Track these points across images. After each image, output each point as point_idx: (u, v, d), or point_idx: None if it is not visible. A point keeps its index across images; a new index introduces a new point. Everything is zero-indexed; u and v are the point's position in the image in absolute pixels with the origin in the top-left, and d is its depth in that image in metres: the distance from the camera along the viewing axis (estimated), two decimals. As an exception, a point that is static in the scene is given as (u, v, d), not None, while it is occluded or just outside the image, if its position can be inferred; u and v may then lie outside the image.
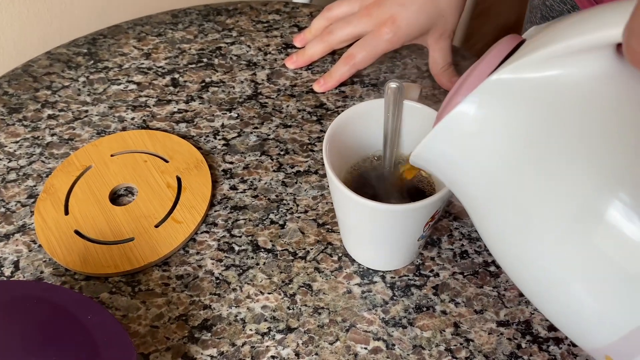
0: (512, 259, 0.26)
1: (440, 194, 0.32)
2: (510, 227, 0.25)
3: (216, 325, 0.38)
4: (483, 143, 0.26)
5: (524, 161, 0.24)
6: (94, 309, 0.33)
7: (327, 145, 0.35)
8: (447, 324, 0.38)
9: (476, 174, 0.26)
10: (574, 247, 0.23)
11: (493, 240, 0.27)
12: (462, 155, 0.26)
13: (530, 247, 0.25)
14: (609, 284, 0.23)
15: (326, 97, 0.52)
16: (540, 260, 0.25)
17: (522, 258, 0.25)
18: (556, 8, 0.53)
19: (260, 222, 0.44)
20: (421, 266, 0.41)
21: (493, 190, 0.26)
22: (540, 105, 0.24)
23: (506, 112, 0.24)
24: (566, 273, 0.24)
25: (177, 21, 0.60)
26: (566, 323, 0.27)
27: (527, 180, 0.24)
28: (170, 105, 0.52)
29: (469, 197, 0.28)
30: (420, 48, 0.56)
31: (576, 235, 0.23)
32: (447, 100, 0.29)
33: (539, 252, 0.24)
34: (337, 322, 0.38)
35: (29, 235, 0.43)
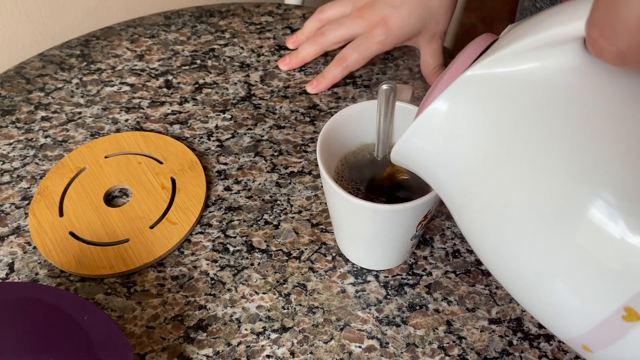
0: (490, 253, 0.27)
1: (432, 193, 0.33)
2: (487, 222, 0.26)
3: (211, 325, 0.39)
4: (458, 139, 0.26)
5: (498, 157, 0.25)
6: (90, 310, 0.33)
7: (321, 147, 0.36)
8: (440, 322, 0.39)
9: (452, 170, 0.27)
10: (550, 241, 0.24)
11: (472, 235, 0.28)
12: (439, 152, 0.27)
13: (507, 242, 0.25)
14: (583, 277, 0.24)
15: (319, 99, 0.53)
16: (516, 254, 0.25)
17: (500, 252, 0.26)
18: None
19: (254, 223, 0.44)
20: (414, 265, 0.41)
21: (469, 186, 0.26)
22: (512, 100, 0.24)
23: (480, 107, 0.25)
24: (542, 266, 0.24)
25: (170, 23, 0.60)
26: (543, 314, 0.27)
27: (502, 175, 0.25)
28: (164, 107, 0.52)
29: (448, 194, 0.28)
30: (412, 49, 0.57)
31: (552, 230, 0.24)
32: (425, 99, 0.29)
33: (516, 247, 0.25)
34: (331, 321, 0.39)
35: (24, 237, 0.43)
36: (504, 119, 0.25)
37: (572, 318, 0.25)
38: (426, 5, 0.50)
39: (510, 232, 0.25)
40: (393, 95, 0.36)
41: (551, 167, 0.23)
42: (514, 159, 0.24)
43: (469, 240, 0.28)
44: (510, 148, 0.24)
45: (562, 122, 0.23)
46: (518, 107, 0.24)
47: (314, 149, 0.48)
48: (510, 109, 0.24)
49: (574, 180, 0.23)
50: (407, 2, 0.50)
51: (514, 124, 0.24)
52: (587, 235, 0.23)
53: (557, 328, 0.27)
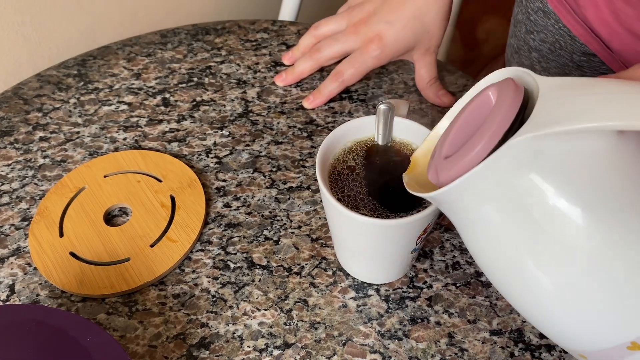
0: (510, 287, 0.29)
1: (432, 207, 0.33)
2: (513, 270, 0.28)
3: (214, 343, 0.39)
4: (493, 203, 0.27)
5: (535, 223, 0.27)
6: (92, 331, 0.33)
7: (320, 162, 0.36)
8: (441, 334, 0.39)
9: (482, 228, 0.28)
10: (574, 286, 0.27)
11: (487, 260, 0.29)
12: (472, 209, 0.28)
13: (530, 287, 0.28)
14: (603, 313, 0.26)
15: (316, 114, 0.53)
16: (538, 285, 0.28)
17: (521, 283, 0.28)
18: (540, 22, 0.54)
19: (254, 239, 0.44)
20: (414, 278, 0.42)
21: (498, 241, 0.28)
22: (553, 173, 0.26)
23: (518, 175, 0.26)
24: (566, 297, 0.27)
25: (166, 41, 0.61)
26: (549, 330, 0.29)
27: (531, 236, 0.27)
28: (162, 125, 0.52)
29: (472, 241, 0.30)
30: (407, 63, 0.57)
31: (583, 273, 0.26)
32: (444, 144, 0.30)
33: (542, 281, 0.27)
34: (333, 336, 0.39)
35: (24, 258, 0.43)
36: (543, 188, 0.26)
37: (580, 340, 0.28)
38: (420, 20, 0.51)
39: (533, 283, 0.27)
40: (391, 114, 0.37)
41: (588, 226, 0.26)
42: (551, 224, 0.26)
43: (479, 260, 0.30)
44: (550, 215, 0.26)
45: (605, 193, 0.26)
46: (558, 179, 0.26)
47: (312, 164, 0.49)
48: (550, 180, 0.26)
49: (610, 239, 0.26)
50: (402, 18, 0.51)
51: (555, 193, 0.26)
52: (618, 280, 0.26)
53: (560, 341, 0.28)
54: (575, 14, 0.50)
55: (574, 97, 0.26)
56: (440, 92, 0.53)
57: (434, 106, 0.53)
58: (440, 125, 0.34)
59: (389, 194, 0.37)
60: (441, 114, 0.52)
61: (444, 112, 0.53)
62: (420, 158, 0.34)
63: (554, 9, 0.52)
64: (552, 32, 0.53)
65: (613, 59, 0.49)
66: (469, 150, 0.27)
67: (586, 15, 0.48)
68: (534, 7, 0.55)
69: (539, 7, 0.54)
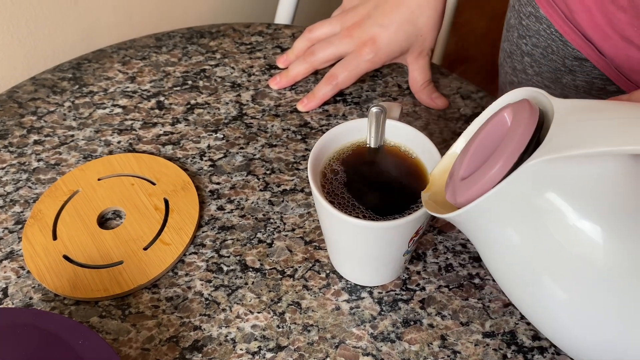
0: (528, 304, 0.31)
1: (423, 210, 0.33)
2: (531, 286, 0.29)
3: (207, 346, 0.39)
4: (510, 222, 0.28)
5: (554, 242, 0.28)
6: (85, 334, 0.33)
7: (312, 165, 0.36)
8: (434, 337, 0.39)
9: (500, 247, 0.30)
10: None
11: (510, 287, 0.31)
12: (490, 228, 0.29)
13: (548, 303, 0.29)
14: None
15: (310, 117, 0.53)
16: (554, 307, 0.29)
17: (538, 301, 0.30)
18: (532, 27, 0.54)
19: (248, 242, 0.44)
20: (407, 280, 0.42)
21: (515, 259, 0.29)
22: (569, 193, 0.27)
23: (535, 195, 0.27)
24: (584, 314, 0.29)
25: (161, 44, 0.61)
26: (568, 346, 0.31)
27: (549, 254, 0.28)
28: (156, 128, 0.52)
29: (490, 259, 0.31)
30: (401, 67, 0.57)
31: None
32: (461, 166, 0.31)
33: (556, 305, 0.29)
34: (326, 338, 0.39)
35: (17, 261, 0.43)
36: (561, 207, 0.27)
37: (597, 355, 0.30)
38: (413, 23, 0.51)
39: (549, 294, 0.29)
40: (383, 117, 0.37)
41: (606, 244, 0.27)
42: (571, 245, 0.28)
43: (498, 277, 0.31)
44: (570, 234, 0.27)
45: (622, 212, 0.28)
46: (578, 199, 0.27)
47: (306, 167, 0.49)
48: (568, 200, 0.27)
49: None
50: (395, 21, 0.51)
51: (574, 211, 0.27)
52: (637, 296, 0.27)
53: (577, 356, 0.31)
54: (567, 19, 0.50)
55: (588, 120, 0.27)
56: (433, 94, 0.53)
57: (428, 109, 0.53)
58: (457, 144, 0.35)
59: (381, 197, 0.37)
60: (435, 117, 0.53)
61: (438, 115, 0.53)
62: (438, 176, 0.35)
63: (545, 14, 0.52)
64: (544, 37, 0.53)
65: (605, 63, 0.50)
66: (485, 173, 0.28)
67: (578, 20, 0.49)
68: (526, 12, 0.55)
69: (531, 12, 0.54)
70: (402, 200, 0.37)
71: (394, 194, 0.37)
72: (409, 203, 0.36)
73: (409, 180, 0.37)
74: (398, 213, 0.35)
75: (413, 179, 0.37)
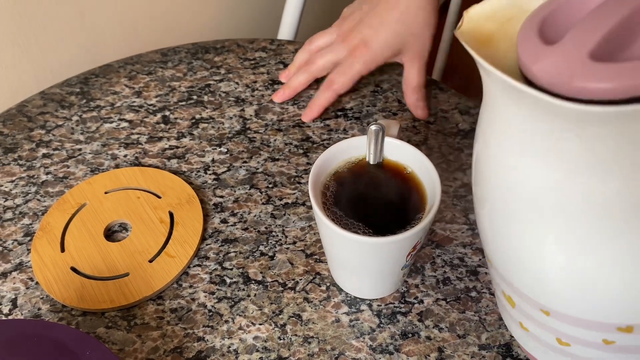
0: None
1: (421, 225, 0.35)
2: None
3: (210, 357, 0.40)
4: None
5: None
6: (92, 345, 0.34)
7: (313, 181, 0.37)
8: (431, 349, 0.40)
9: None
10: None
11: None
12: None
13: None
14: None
15: (312, 131, 0.54)
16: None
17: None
18: None
19: (250, 254, 0.45)
20: (406, 293, 0.43)
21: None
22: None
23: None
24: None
25: (166, 59, 0.62)
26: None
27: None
28: (162, 142, 0.54)
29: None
30: (401, 82, 0.59)
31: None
32: (589, 37, 0.23)
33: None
34: (326, 350, 0.40)
35: (26, 272, 0.44)
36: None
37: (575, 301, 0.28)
38: (404, 24, 0.53)
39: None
40: (382, 134, 0.38)
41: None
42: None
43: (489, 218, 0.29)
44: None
45: None
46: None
47: (307, 180, 0.50)
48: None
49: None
50: (385, 23, 0.53)
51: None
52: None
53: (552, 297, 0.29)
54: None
55: None
56: (420, 102, 0.54)
57: (427, 124, 0.55)
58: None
59: (381, 212, 0.38)
60: (434, 132, 0.54)
61: (437, 130, 0.54)
62: (476, 18, 0.27)
63: None
64: None
65: None
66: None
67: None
68: None
69: None
70: (401, 215, 0.38)
71: (393, 209, 0.39)
72: (408, 218, 0.37)
73: (407, 196, 0.39)
74: (397, 228, 0.36)
75: (411, 195, 0.38)
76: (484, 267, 0.44)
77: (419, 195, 0.38)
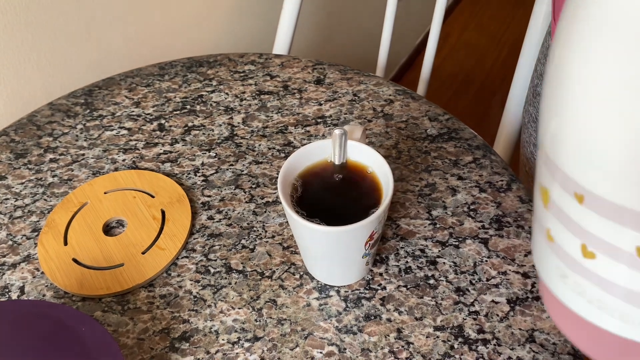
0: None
1: (373, 216, 0.39)
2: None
3: (193, 337, 0.45)
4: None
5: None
6: (87, 322, 0.40)
7: (283, 178, 0.42)
8: (391, 329, 0.44)
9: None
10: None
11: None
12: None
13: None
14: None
15: (293, 137, 0.59)
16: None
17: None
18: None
19: (233, 247, 0.50)
20: (371, 281, 0.47)
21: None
22: None
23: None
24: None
25: (163, 73, 0.68)
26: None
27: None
28: (157, 148, 0.59)
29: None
30: (376, 92, 0.64)
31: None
32: None
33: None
34: (297, 331, 0.45)
35: (33, 264, 0.50)
36: None
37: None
38: None
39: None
40: (345, 138, 0.43)
41: None
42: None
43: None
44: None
45: None
46: None
47: (287, 182, 0.55)
48: None
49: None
50: None
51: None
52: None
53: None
54: None
55: None
56: None
57: (399, 130, 0.59)
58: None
59: (342, 206, 0.43)
60: (404, 137, 0.59)
61: (407, 135, 0.59)
62: None
63: None
64: None
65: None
66: None
67: None
68: None
69: None
70: (360, 210, 0.42)
71: (354, 204, 0.43)
72: (367, 210, 0.42)
73: (366, 192, 0.43)
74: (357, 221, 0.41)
75: (369, 191, 0.43)
76: (442, 257, 0.48)
77: (377, 192, 0.43)
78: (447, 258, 0.48)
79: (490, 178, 0.54)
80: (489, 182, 0.54)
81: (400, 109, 0.61)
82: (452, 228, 0.50)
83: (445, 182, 0.54)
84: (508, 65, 1.91)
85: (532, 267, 0.47)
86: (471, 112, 1.72)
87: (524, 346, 0.43)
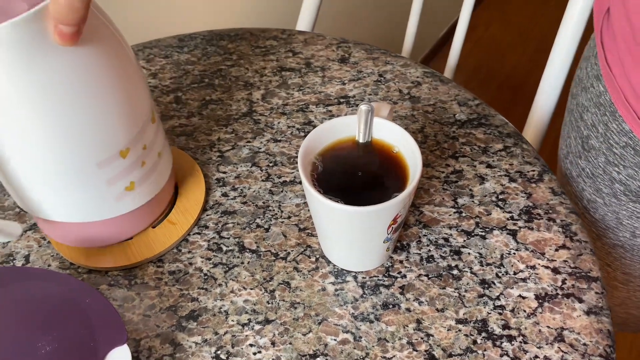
0: None
1: (398, 198, 0.37)
2: None
3: (202, 316, 0.42)
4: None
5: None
6: (90, 293, 0.38)
7: (303, 154, 0.40)
8: (410, 320, 0.42)
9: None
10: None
11: None
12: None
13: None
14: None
15: (314, 116, 0.57)
16: None
17: None
18: (629, 159, 0.50)
19: (247, 226, 0.48)
20: (390, 268, 0.45)
21: None
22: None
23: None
24: None
25: (182, 45, 0.66)
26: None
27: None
28: (173, 120, 0.57)
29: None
30: (404, 73, 0.61)
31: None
32: None
33: None
34: (310, 315, 0.42)
35: (40, 232, 0.48)
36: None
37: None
38: None
39: None
40: (371, 114, 0.40)
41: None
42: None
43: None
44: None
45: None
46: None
47: (306, 161, 0.52)
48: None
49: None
50: None
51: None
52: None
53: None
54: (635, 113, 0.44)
55: None
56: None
57: (425, 113, 0.57)
58: None
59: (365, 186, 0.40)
60: (431, 121, 0.56)
61: (435, 119, 0.56)
62: None
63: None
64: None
65: None
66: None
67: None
68: (620, 142, 0.50)
69: (628, 143, 0.49)
70: (385, 191, 0.40)
71: (378, 185, 0.41)
72: (391, 192, 0.39)
73: (391, 173, 0.41)
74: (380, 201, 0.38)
75: (395, 171, 0.41)
76: (467, 247, 0.46)
77: (403, 173, 0.40)
78: (473, 248, 0.46)
79: (521, 167, 0.51)
80: (520, 171, 0.51)
81: (428, 92, 0.59)
82: (479, 217, 0.48)
83: (473, 169, 0.51)
84: (535, 61, 1.87)
85: (563, 263, 0.44)
86: (495, 108, 1.68)
87: (552, 345, 0.40)
